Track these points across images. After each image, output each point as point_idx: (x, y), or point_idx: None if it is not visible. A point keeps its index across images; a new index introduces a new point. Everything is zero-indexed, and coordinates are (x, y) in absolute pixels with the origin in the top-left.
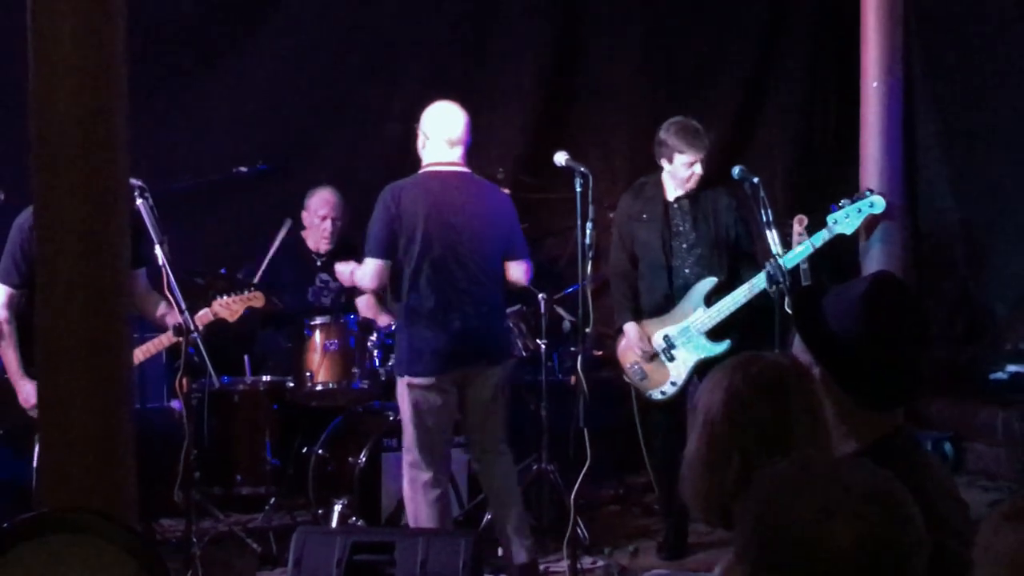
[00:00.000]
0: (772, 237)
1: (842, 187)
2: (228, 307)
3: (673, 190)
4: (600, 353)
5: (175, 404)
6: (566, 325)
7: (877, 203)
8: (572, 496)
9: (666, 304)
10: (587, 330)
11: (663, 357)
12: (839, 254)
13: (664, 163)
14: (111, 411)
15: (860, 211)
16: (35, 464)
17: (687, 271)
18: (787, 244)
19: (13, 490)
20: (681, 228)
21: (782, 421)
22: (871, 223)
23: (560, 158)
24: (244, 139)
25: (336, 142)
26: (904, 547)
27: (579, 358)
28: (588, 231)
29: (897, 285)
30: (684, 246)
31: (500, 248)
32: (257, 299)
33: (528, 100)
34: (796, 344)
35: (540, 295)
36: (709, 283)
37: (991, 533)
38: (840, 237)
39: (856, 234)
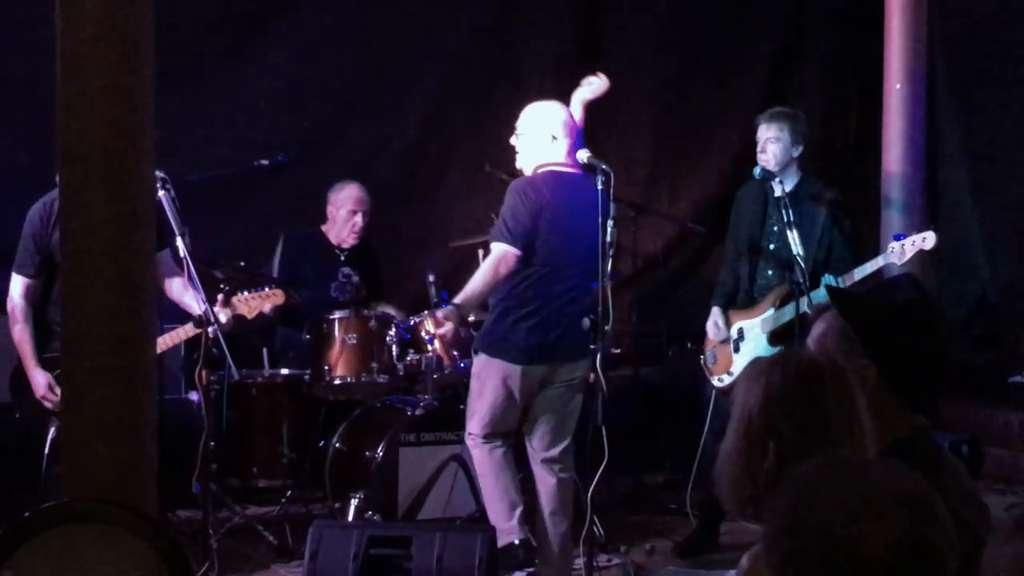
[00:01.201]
0: (793, 238)
1: (862, 191)
2: (247, 303)
3: (777, 186)
4: (619, 351)
5: (193, 396)
6: (585, 322)
7: (930, 238)
8: (589, 494)
9: (747, 299)
10: (606, 328)
11: (732, 347)
12: (862, 254)
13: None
14: (134, 401)
15: (914, 243)
16: (47, 451)
17: (770, 272)
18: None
19: (26, 477)
20: (775, 227)
21: (819, 416)
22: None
23: (582, 155)
24: (265, 132)
25: (357, 136)
26: (934, 550)
27: (598, 356)
28: (609, 229)
29: (917, 286)
30: (771, 246)
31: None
32: (277, 296)
33: (548, 95)
34: (812, 338)
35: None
36: (788, 285)
37: (998, 546)
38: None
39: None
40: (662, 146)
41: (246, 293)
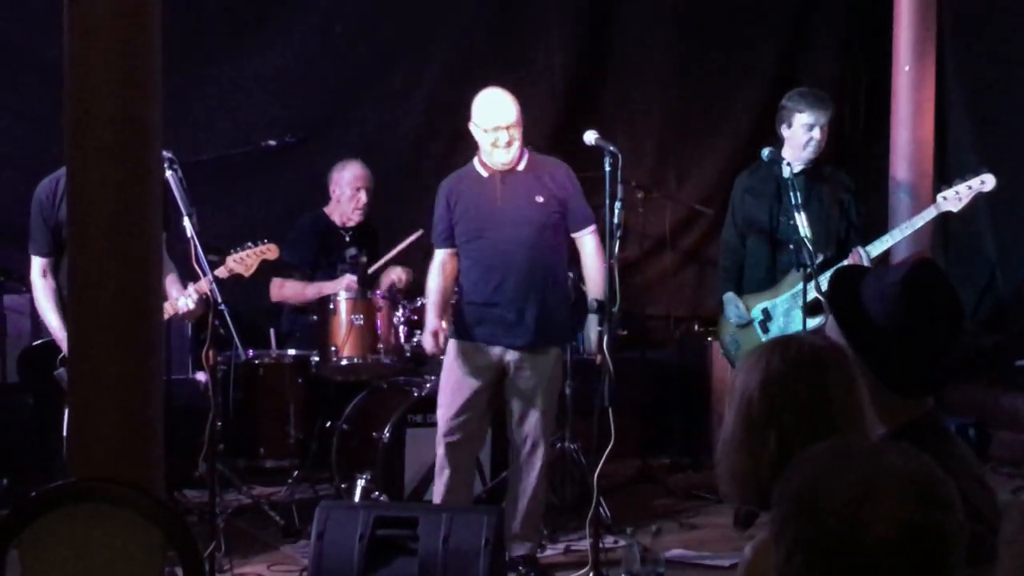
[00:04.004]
0: (800, 220)
1: (872, 175)
2: (242, 262)
3: (786, 165)
4: (626, 332)
5: (200, 376)
6: (592, 304)
7: (988, 181)
8: (595, 475)
9: (768, 280)
10: (613, 309)
11: (759, 329)
12: (869, 238)
13: (783, 129)
14: (142, 381)
15: (970, 188)
16: (65, 432)
17: (792, 248)
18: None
19: (43, 457)
20: (792, 203)
21: (819, 401)
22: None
23: (590, 137)
24: (274, 113)
25: (364, 118)
26: (944, 532)
27: (605, 337)
28: (616, 210)
29: (936, 272)
30: (791, 223)
31: None
32: (271, 251)
33: (557, 78)
34: (829, 325)
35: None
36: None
37: (1016, 525)
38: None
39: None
40: (670, 128)
41: (240, 252)
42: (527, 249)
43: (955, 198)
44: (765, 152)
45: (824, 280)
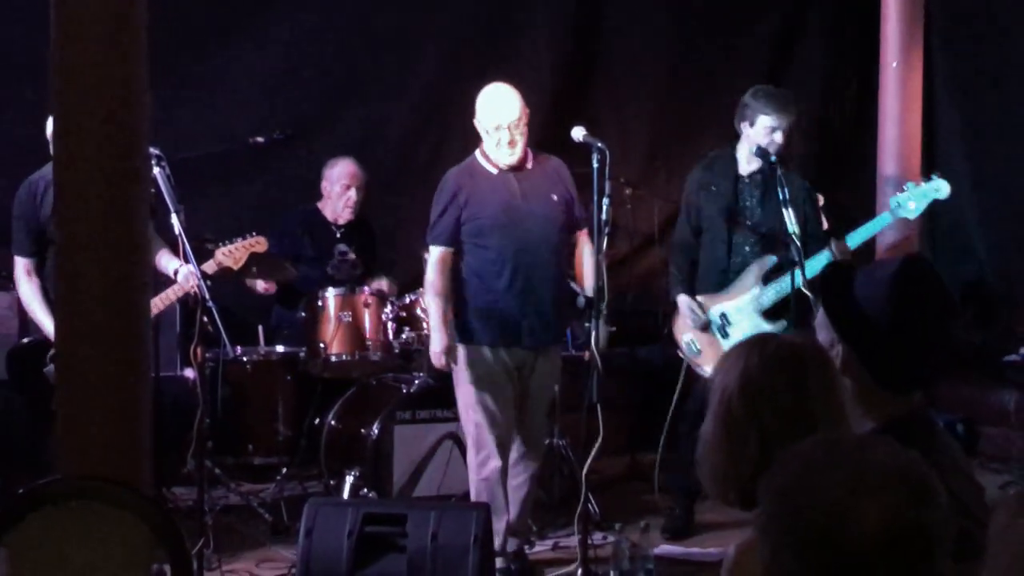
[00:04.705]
0: (788, 216)
1: (860, 169)
2: (231, 255)
3: (746, 164)
4: (614, 329)
5: (188, 373)
6: (580, 300)
7: (943, 188)
8: (584, 471)
9: (723, 280)
10: (602, 305)
11: (717, 334)
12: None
13: (744, 127)
14: (130, 378)
15: (926, 195)
16: (55, 430)
17: (747, 248)
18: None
19: (34, 457)
20: (748, 203)
21: (799, 399)
22: None
23: (577, 133)
24: (261, 109)
25: (354, 113)
26: (931, 527)
27: (593, 334)
28: (604, 207)
29: (927, 268)
30: (748, 222)
31: None
32: (260, 244)
33: (545, 75)
34: (819, 321)
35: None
36: (768, 261)
37: (1008, 518)
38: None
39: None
40: (660, 124)
41: (229, 245)
42: (549, 246)
43: (908, 203)
44: (753, 148)
45: (779, 283)
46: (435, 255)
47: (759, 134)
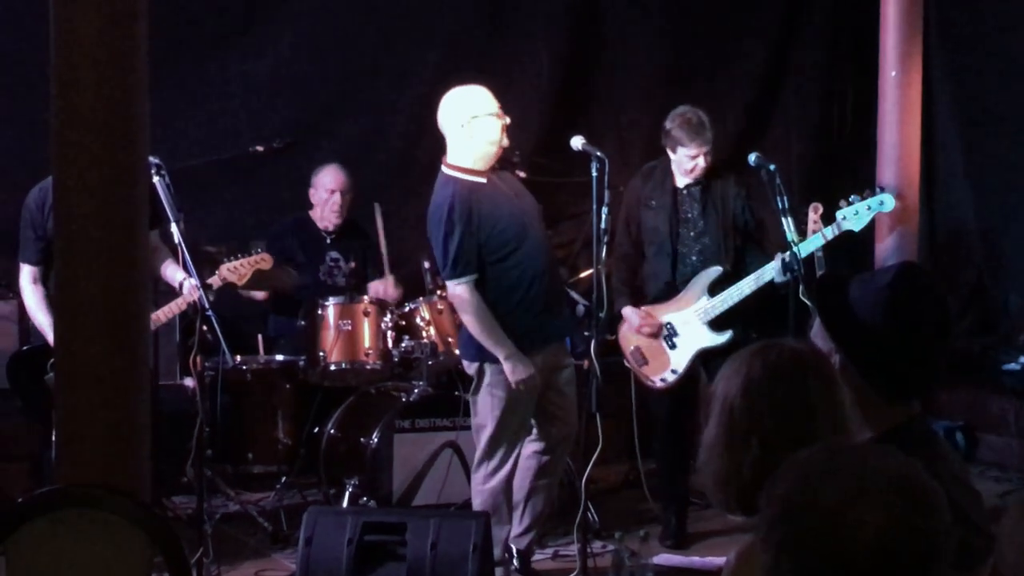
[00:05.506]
0: (788, 225)
1: (858, 176)
2: (236, 271)
3: (681, 177)
4: (613, 337)
5: (188, 382)
6: (580, 309)
7: (887, 202)
8: (583, 480)
9: (669, 291)
10: (601, 314)
11: (665, 344)
12: (856, 243)
13: (669, 152)
14: (128, 385)
15: (869, 208)
16: (55, 438)
17: (693, 259)
18: (802, 232)
19: (33, 464)
20: (689, 215)
21: (801, 407)
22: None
23: (577, 142)
24: (261, 118)
25: (352, 122)
26: (931, 536)
27: (592, 342)
28: (604, 216)
29: (924, 276)
30: (691, 233)
31: None
32: (265, 261)
33: (543, 83)
34: (816, 330)
35: None
36: (714, 272)
37: (1017, 520)
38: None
39: (872, 225)
40: (658, 132)
41: (234, 260)
42: (543, 234)
43: (854, 217)
44: (752, 157)
45: (727, 294)
46: (466, 290)
47: (683, 161)
